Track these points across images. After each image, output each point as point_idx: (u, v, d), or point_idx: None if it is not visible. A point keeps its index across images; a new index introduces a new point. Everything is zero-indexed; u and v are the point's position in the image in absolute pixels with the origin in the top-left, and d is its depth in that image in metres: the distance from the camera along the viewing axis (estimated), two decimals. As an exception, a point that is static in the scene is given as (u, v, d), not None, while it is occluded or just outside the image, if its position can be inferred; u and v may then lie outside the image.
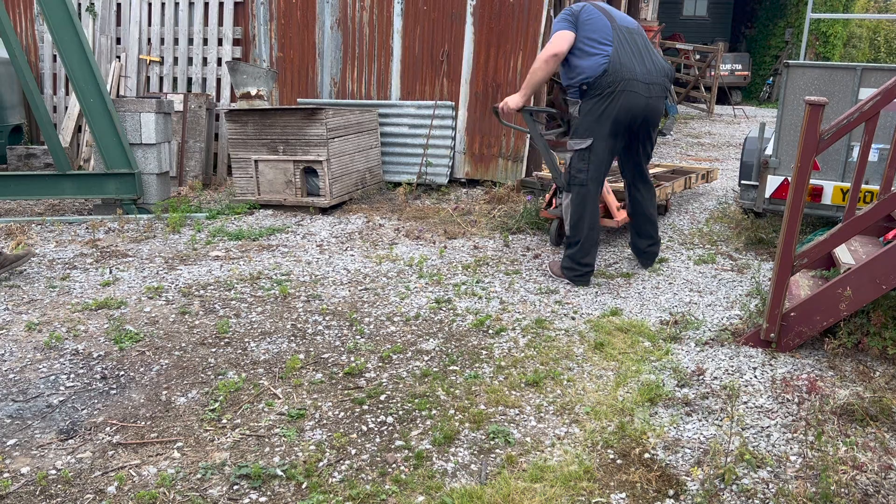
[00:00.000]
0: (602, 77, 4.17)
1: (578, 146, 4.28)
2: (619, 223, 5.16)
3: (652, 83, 4.29)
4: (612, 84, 4.16)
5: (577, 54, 4.25)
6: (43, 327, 3.67)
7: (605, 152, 4.29)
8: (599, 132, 4.23)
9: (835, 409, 2.86)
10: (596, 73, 4.17)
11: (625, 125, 4.28)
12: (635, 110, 4.24)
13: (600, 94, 4.19)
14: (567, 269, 4.43)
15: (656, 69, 4.31)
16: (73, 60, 5.75)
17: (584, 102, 4.28)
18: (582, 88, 4.24)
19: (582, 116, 4.28)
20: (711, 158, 9.54)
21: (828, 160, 4.72)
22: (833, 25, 17.11)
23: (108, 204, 6.00)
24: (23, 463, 2.51)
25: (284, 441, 2.67)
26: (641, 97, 4.23)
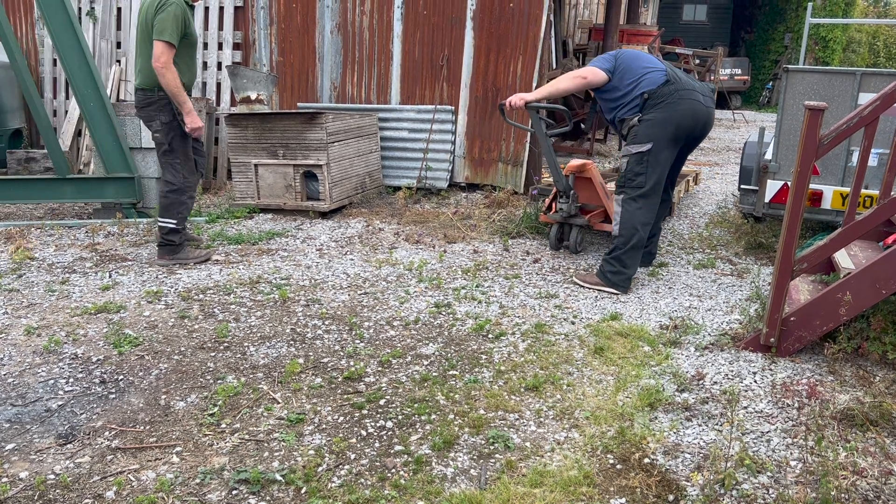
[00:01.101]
0: (664, 86, 4.25)
1: (637, 149, 4.28)
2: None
3: (705, 93, 4.43)
4: (674, 92, 4.24)
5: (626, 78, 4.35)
6: (42, 331, 3.66)
7: (666, 158, 4.33)
8: (662, 137, 4.25)
9: (835, 414, 2.85)
10: (657, 83, 4.26)
11: (687, 131, 4.33)
12: (699, 116, 4.32)
13: (663, 101, 4.24)
14: (613, 274, 4.35)
15: (704, 86, 4.45)
16: (73, 64, 5.75)
17: (645, 113, 4.30)
18: (644, 98, 4.27)
19: (643, 124, 4.29)
20: (711, 163, 9.55)
21: (827, 165, 4.72)
22: (832, 30, 17.14)
23: (108, 208, 5.99)
24: (21, 467, 2.51)
25: (284, 446, 2.66)
26: (703, 105, 4.34)
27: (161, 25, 4.44)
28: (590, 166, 5.13)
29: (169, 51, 4.46)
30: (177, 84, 4.52)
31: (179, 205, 4.77)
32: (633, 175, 4.31)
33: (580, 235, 5.14)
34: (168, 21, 4.44)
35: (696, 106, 4.28)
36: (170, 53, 4.47)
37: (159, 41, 4.43)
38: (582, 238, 5.19)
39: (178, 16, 4.49)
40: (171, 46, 4.46)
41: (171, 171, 4.76)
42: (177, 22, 4.47)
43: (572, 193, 5.00)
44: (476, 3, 6.84)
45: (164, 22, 4.43)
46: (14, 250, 4.97)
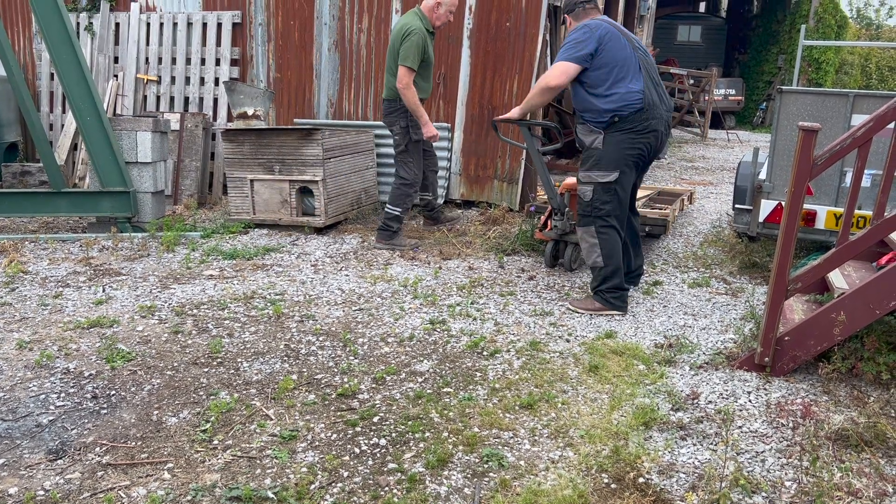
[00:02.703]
0: (637, 113, 4.13)
1: (603, 179, 4.18)
2: None
3: (667, 120, 4.36)
4: (646, 121, 4.16)
5: (603, 82, 4.14)
6: (34, 346, 3.64)
7: (628, 185, 4.31)
8: (626, 164, 4.19)
9: (829, 435, 2.85)
10: (632, 109, 4.12)
11: (646, 158, 4.32)
12: (657, 145, 4.31)
13: (631, 129, 4.14)
14: (613, 297, 4.28)
15: (668, 103, 4.38)
16: (70, 79, 5.77)
17: (609, 135, 4.16)
18: (613, 120, 4.14)
19: (607, 148, 4.16)
20: (706, 182, 9.59)
21: (821, 185, 4.75)
22: (825, 52, 17.30)
23: (103, 222, 5.98)
24: (11, 483, 2.48)
25: (276, 463, 2.64)
26: (662, 134, 4.31)
27: (405, 52, 5.30)
28: None
29: (410, 74, 5.33)
30: (415, 102, 5.39)
31: (406, 196, 5.63)
32: (602, 204, 4.23)
33: (575, 253, 5.14)
34: (411, 49, 5.30)
35: (658, 136, 4.25)
36: (410, 76, 5.34)
37: (403, 66, 5.31)
38: (577, 255, 5.19)
39: (419, 44, 5.33)
40: (412, 70, 5.33)
41: (404, 168, 5.63)
42: (418, 49, 5.33)
43: (567, 211, 5.01)
44: (473, 22, 6.89)
45: (408, 49, 5.30)
46: (7, 264, 4.96)
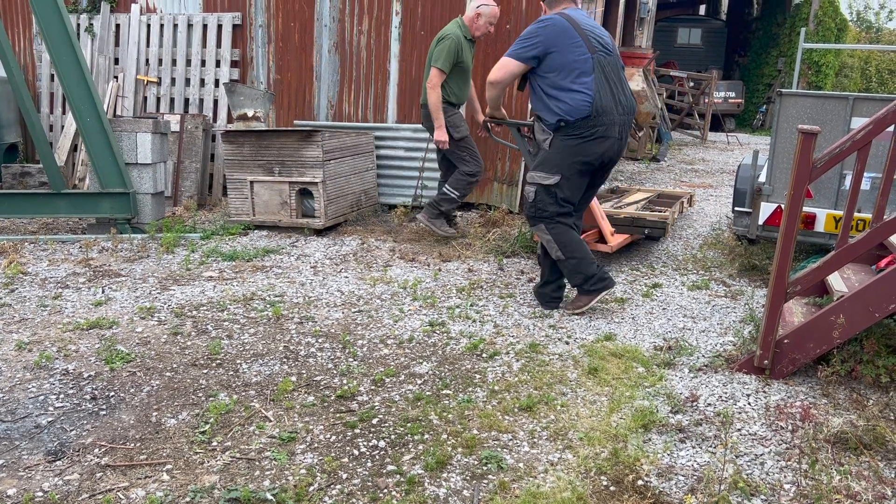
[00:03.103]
0: (584, 120, 4.04)
1: (544, 181, 4.16)
2: (612, 248, 5.17)
3: (624, 124, 4.18)
4: (593, 128, 4.06)
5: (553, 85, 4.09)
6: (33, 347, 3.64)
7: (572, 189, 4.22)
8: (569, 171, 4.14)
9: (829, 438, 2.85)
10: (578, 115, 4.03)
11: (595, 167, 4.21)
12: (609, 153, 4.18)
13: (578, 135, 4.07)
14: (593, 284, 4.23)
15: (628, 105, 4.18)
16: (70, 80, 5.77)
17: (556, 138, 4.14)
18: (560, 125, 4.09)
19: (552, 151, 4.14)
20: (705, 185, 9.59)
21: (820, 188, 4.75)
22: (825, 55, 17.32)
23: (103, 223, 5.98)
24: (9, 484, 2.48)
25: (275, 464, 2.64)
26: (616, 140, 4.15)
27: (437, 55, 5.52)
28: None
29: (439, 76, 5.50)
30: (437, 103, 5.53)
31: (468, 184, 5.79)
32: (544, 206, 4.22)
33: None
34: (443, 52, 5.49)
35: (607, 144, 4.11)
36: (440, 78, 5.51)
37: (434, 67, 5.50)
38: None
39: (452, 48, 5.50)
40: (442, 73, 5.50)
41: (463, 164, 5.77)
42: (450, 53, 5.49)
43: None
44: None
45: (440, 52, 5.50)
46: (7, 265, 4.95)
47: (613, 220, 5.39)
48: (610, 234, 5.18)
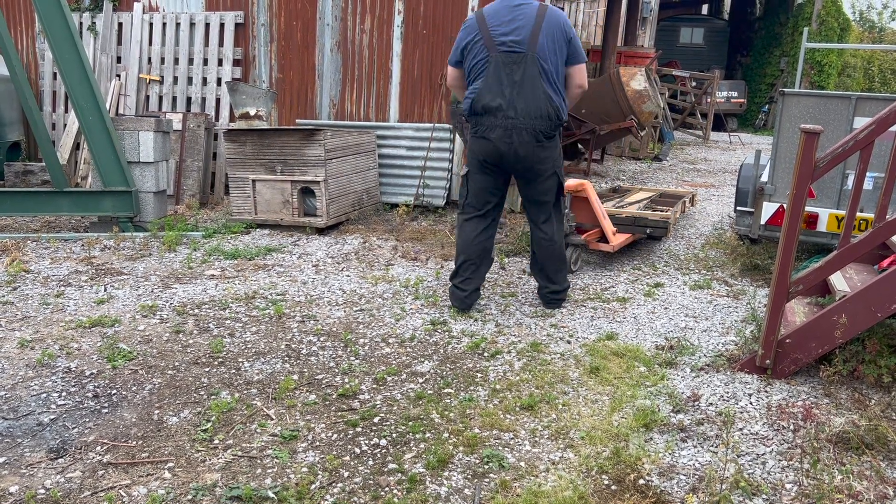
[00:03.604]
0: (472, 117, 4.09)
1: (463, 171, 4.26)
2: (614, 248, 5.16)
3: (516, 128, 3.96)
4: (476, 125, 4.08)
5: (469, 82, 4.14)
6: (36, 344, 3.64)
7: (479, 184, 4.20)
8: (471, 166, 4.21)
9: (830, 437, 2.85)
10: (470, 112, 4.09)
11: (494, 166, 4.12)
12: (495, 157, 4.06)
13: (473, 132, 4.14)
14: (451, 290, 4.30)
15: (525, 108, 3.94)
16: (73, 78, 5.77)
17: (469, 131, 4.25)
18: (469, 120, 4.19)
19: (467, 144, 4.26)
20: (707, 184, 9.59)
21: (823, 188, 4.75)
22: (828, 55, 17.30)
23: (105, 221, 5.99)
24: (11, 482, 2.48)
25: (277, 463, 2.64)
26: (502, 143, 3.98)
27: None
28: (586, 186, 5.14)
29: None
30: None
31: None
32: (462, 194, 4.36)
33: (575, 255, 5.14)
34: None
35: (488, 146, 4.02)
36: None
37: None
38: (577, 257, 5.19)
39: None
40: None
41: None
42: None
43: (567, 213, 5.01)
44: (475, 24, 6.90)
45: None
46: (9, 263, 4.96)
47: (615, 220, 5.39)
48: (611, 233, 5.19)
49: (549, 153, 4.09)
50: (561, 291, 4.40)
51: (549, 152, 4.08)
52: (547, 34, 3.94)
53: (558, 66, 4.01)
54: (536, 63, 3.92)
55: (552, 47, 3.96)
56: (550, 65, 3.96)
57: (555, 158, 4.14)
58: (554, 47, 3.96)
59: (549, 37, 3.94)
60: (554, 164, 4.14)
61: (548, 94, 3.96)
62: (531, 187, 4.20)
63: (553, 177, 4.17)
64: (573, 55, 4.06)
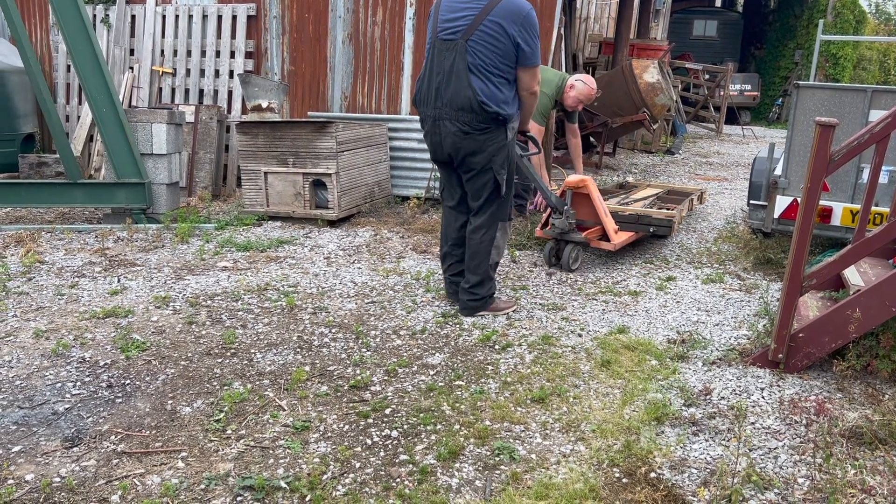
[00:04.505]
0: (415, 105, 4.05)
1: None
2: (615, 246, 5.04)
3: (442, 119, 3.85)
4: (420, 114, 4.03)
5: None
6: (50, 335, 3.68)
7: (442, 176, 4.17)
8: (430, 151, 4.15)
9: (843, 432, 2.83)
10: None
11: (436, 155, 4.05)
12: (435, 146, 3.98)
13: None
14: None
15: (450, 100, 3.79)
16: (86, 70, 5.80)
17: None
18: None
19: None
20: (720, 178, 9.54)
21: (837, 181, 4.71)
22: (843, 47, 17.14)
23: (118, 213, 6.03)
24: (27, 470, 2.51)
25: (289, 453, 2.66)
26: (433, 134, 3.94)
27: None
28: (587, 182, 4.99)
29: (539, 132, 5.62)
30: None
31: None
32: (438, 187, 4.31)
33: (574, 252, 5.02)
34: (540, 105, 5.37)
35: (428, 138, 3.99)
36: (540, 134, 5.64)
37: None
38: (577, 255, 5.07)
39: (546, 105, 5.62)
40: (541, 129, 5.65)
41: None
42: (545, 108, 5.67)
43: (567, 210, 4.90)
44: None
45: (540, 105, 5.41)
46: (24, 254, 5.00)
47: (618, 217, 5.27)
48: (613, 231, 5.05)
49: (482, 147, 3.83)
50: (473, 291, 4.07)
51: (480, 146, 3.82)
52: (488, 25, 3.70)
53: (496, 60, 3.73)
54: (465, 53, 3.71)
55: (489, 40, 3.70)
56: (483, 57, 3.71)
57: (492, 155, 3.85)
58: (493, 41, 3.71)
59: (491, 28, 3.70)
60: (490, 160, 3.86)
61: (473, 87, 3.72)
62: (467, 180, 4.00)
63: (487, 173, 3.89)
64: (521, 56, 3.76)
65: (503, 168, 3.91)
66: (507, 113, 3.81)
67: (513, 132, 3.95)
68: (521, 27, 3.73)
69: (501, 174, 3.91)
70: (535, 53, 3.82)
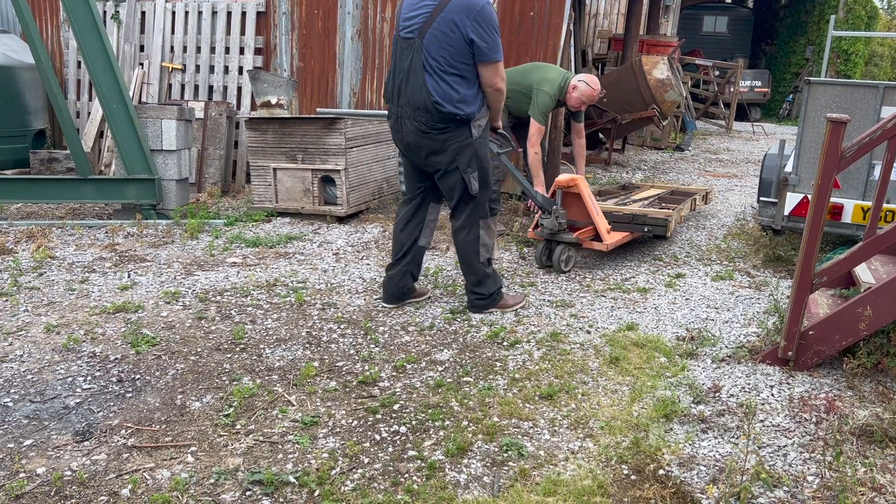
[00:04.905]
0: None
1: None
2: (607, 247, 4.88)
3: (402, 118, 3.81)
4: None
5: None
6: (61, 329, 3.70)
7: (406, 168, 4.13)
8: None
9: (853, 430, 2.82)
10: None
11: (404, 153, 4.02)
12: (399, 144, 3.95)
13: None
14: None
15: (408, 99, 3.74)
16: (97, 67, 5.83)
17: None
18: None
19: None
20: (730, 174, 9.50)
21: (848, 178, 4.68)
22: (854, 43, 17.03)
23: (128, 209, 6.06)
24: (39, 463, 2.53)
25: (298, 448, 2.67)
26: (395, 132, 3.91)
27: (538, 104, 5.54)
28: (578, 181, 4.84)
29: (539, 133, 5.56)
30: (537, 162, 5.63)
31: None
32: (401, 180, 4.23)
33: (566, 254, 4.87)
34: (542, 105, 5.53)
35: (393, 132, 3.94)
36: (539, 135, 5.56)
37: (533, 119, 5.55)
38: (568, 256, 4.91)
39: (549, 104, 5.56)
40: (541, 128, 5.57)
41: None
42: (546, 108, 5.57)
43: (555, 209, 4.78)
44: (497, 12, 6.85)
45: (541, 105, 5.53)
46: (35, 249, 5.03)
47: (612, 217, 5.12)
48: (605, 231, 4.88)
49: (443, 147, 3.76)
50: (477, 292, 4.08)
51: (441, 146, 3.76)
52: (442, 22, 3.61)
53: (451, 57, 3.63)
54: (421, 51, 3.65)
55: (443, 38, 3.61)
56: (437, 55, 3.63)
57: (455, 154, 3.77)
58: (446, 38, 3.61)
59: (445, 25, 3.60)
60: (454, 160, 3.78)
61: (427, 87, 3.65)
62: (437, 180, 3.96)
63: (453, 174, 3.83)
64: (477, 53, 3.64)
65: (471, 167, 3.81)
66: (465, 112, 3.70)
67: (479, 130, 3.83)
68: (476, 22, 3.60)
69: (469, 173, 3.81)
70: (494, 48, 3.68)
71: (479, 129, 3.83)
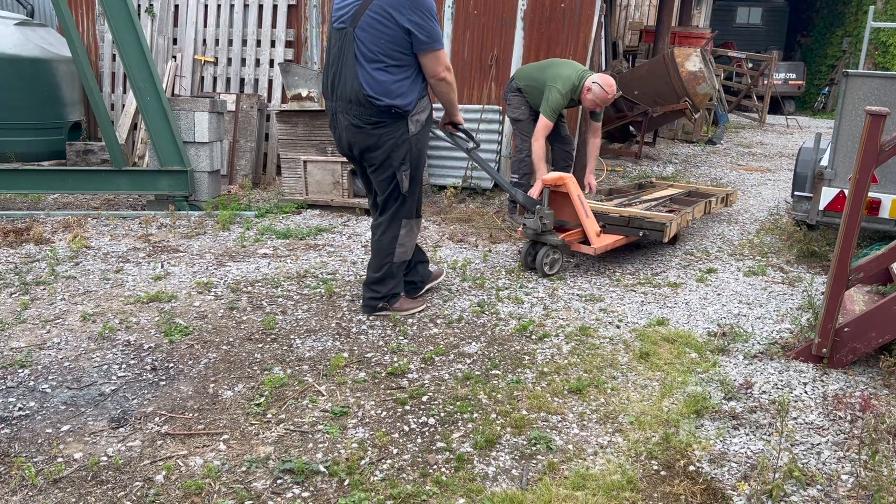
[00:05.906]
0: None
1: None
2: (596, 251, 4.65)
3: (337, 112, 3.65)
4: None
5: None
6: (97, 318, 3.77)
7: (358, 169, 3.93)
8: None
9: (890, 429, 2.77)
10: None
11: (341, 150, 3.84)
12: (336, 140, 3.79)
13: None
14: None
15: (342, 92, 3.57)
16: (131, 60, 5.91)
17: None
18: None
19: None
20: (763, 168, 9.36)
21: (887, 173, 4.59)
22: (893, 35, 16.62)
23: (161, 200, 6.14)
24: (76, 449, 2.59)
25: (328, 438, 2.69)
26: (332, 127, 3.76)
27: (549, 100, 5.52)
28: (567, 180, 4.63)
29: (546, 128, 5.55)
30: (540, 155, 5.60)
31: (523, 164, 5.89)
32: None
33: (550, 256, 4.62)
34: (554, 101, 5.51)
35: (331, 129, 3.77)
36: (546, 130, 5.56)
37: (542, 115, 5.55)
38: (553, 260, 4.65)
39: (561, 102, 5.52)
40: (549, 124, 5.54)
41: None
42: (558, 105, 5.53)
43: (538, 208, 4.59)
44: (527, 3, 6.82)
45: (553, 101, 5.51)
46: (72, 239, 5.13)
47: (606, 219, 4.91)
48: (594, 234, 4.66)
49: (378, 143, 3.59)
50: (374, 289, 3.88)
51: (376, 141, 3.58)
52: (374, 11, 3.42)
53: (386, 48, 3.44)
54: (353, 42, 3.47)
55: (376, 27, 3.43)
56: (370, 46, 3.44)
57: (390, 150, 3.60)
58: (379, 27, 3.43)
59: (377, 14, 3.42)
60: (389, 156, 3.61)
61: (359, 79, 3.48)
62: (371, 174, 3.77)
63: (387, 169, 3.65)
64: (415, 42, 3.45)
65: (404, 164, 3.64)
66: (401, 105, 3.52)
67: (418, 125, 3.64)
68: (411, 10, 3.40)
69: (402, 170, 3.65)
70: (433, 36, 3.48)
71: (417, 125, 3.64)
